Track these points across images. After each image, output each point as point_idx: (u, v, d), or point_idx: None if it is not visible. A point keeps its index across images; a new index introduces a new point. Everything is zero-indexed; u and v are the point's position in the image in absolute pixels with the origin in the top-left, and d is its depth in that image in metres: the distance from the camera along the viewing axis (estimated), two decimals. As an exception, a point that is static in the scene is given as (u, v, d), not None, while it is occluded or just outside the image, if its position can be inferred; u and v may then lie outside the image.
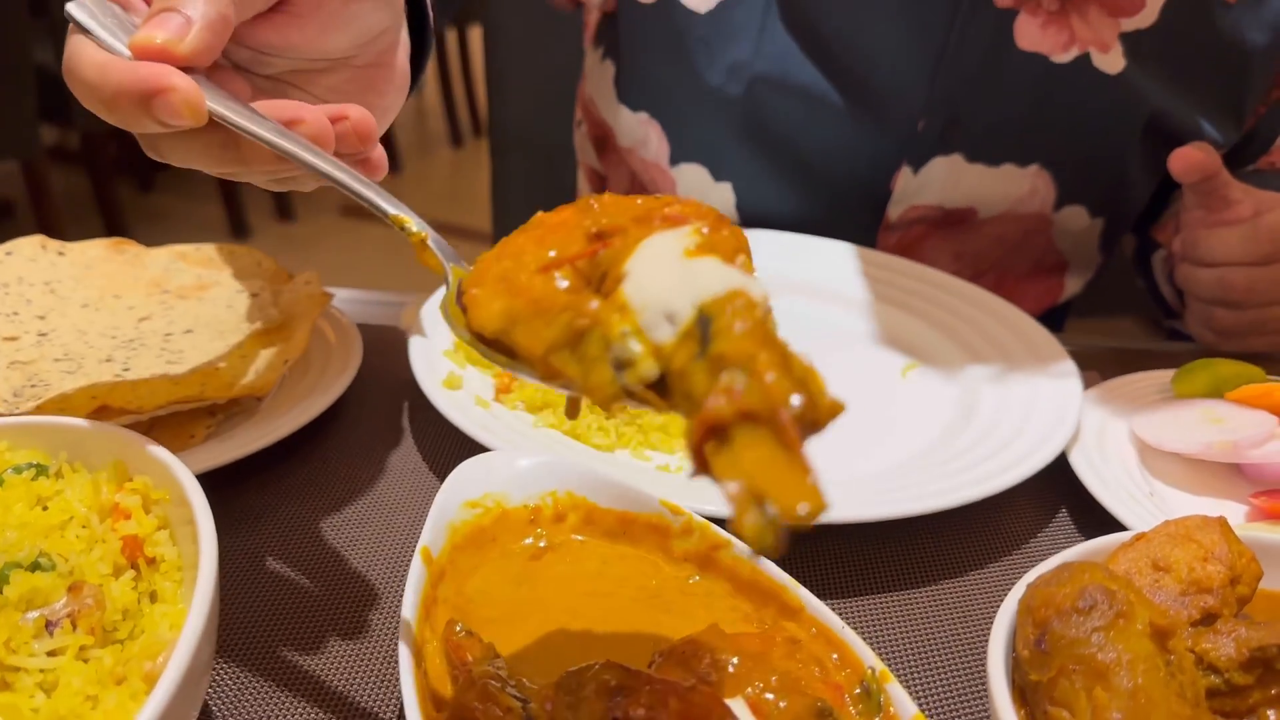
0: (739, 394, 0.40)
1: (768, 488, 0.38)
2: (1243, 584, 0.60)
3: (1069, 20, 1.07)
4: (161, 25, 0.55)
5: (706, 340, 0.42)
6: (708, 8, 1.12)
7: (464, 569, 0.64)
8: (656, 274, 0.45)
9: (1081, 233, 1.23)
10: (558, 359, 0.46)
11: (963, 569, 0.75)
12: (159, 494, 0.59)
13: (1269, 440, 0.82)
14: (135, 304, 0.90)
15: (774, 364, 0.41)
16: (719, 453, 0.40)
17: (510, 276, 0.49)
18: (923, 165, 1.15)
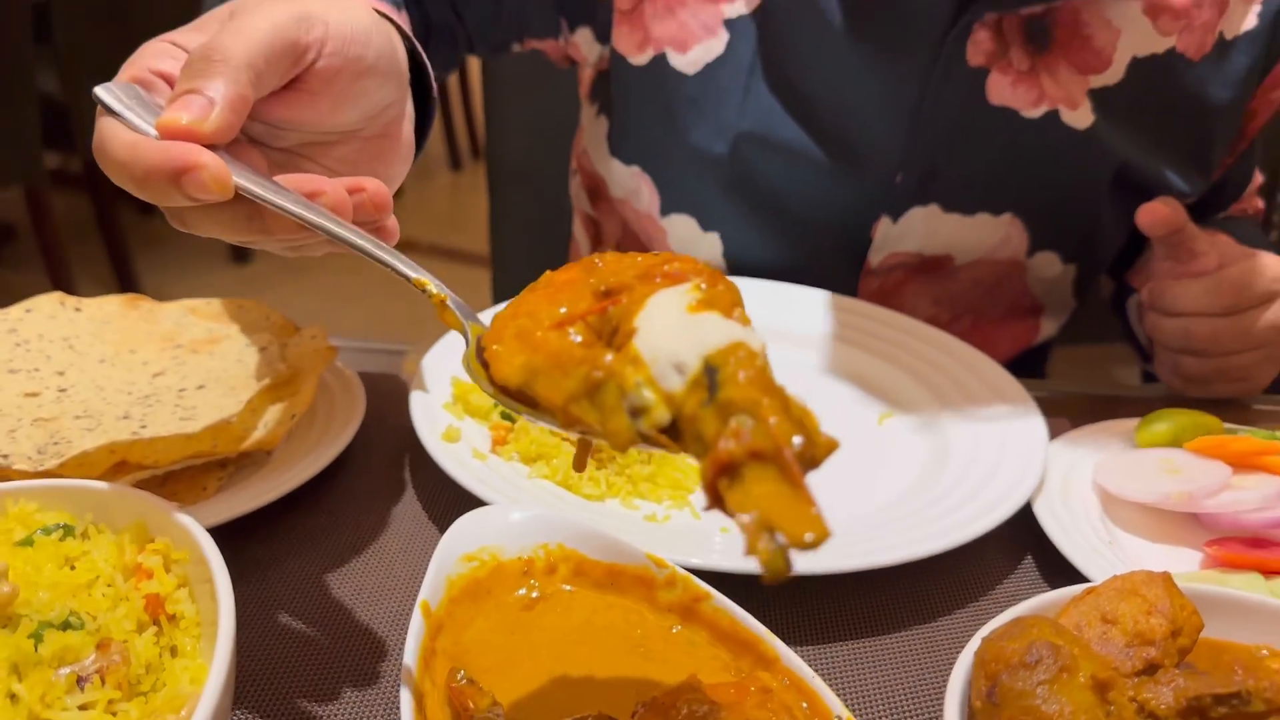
0: (746, 436, 0.45)
1: (776, 518, 0.43)
2: (1184, 635, 0.65)
3: (1039, 79, 1.13)
4: (185, 106, 0.60)
5: (714, 388, 0.47)
6: (695, 70, 1.17)
7: (461, 620, 0.69)
8: (664, 328, 0.50)
9: (1055, 278, 1.28)
10: (577, 408, 0.51)
11: (930, 616, 0.80)
12: (179, 554, 0.64)
13: (1223, 490, 0.87)
14: (149, 359, 0.95)
15: (776, 408, 0.46)
16: (731, 489, 0.45)
17: (528, 333, 0.54)
18: (901, 215, 1.20)
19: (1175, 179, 1.20)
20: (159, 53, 0.68)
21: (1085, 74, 1.13)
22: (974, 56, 1.11)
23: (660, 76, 1.18)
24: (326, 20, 0.67)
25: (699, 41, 1.16)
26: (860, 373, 1.11)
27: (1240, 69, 1.16)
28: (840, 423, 1.00)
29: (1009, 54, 1.12)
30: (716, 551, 0.78)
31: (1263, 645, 0.68)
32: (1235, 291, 1.04)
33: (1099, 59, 1.12)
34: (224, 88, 0.61)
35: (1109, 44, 1.12)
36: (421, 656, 0.62)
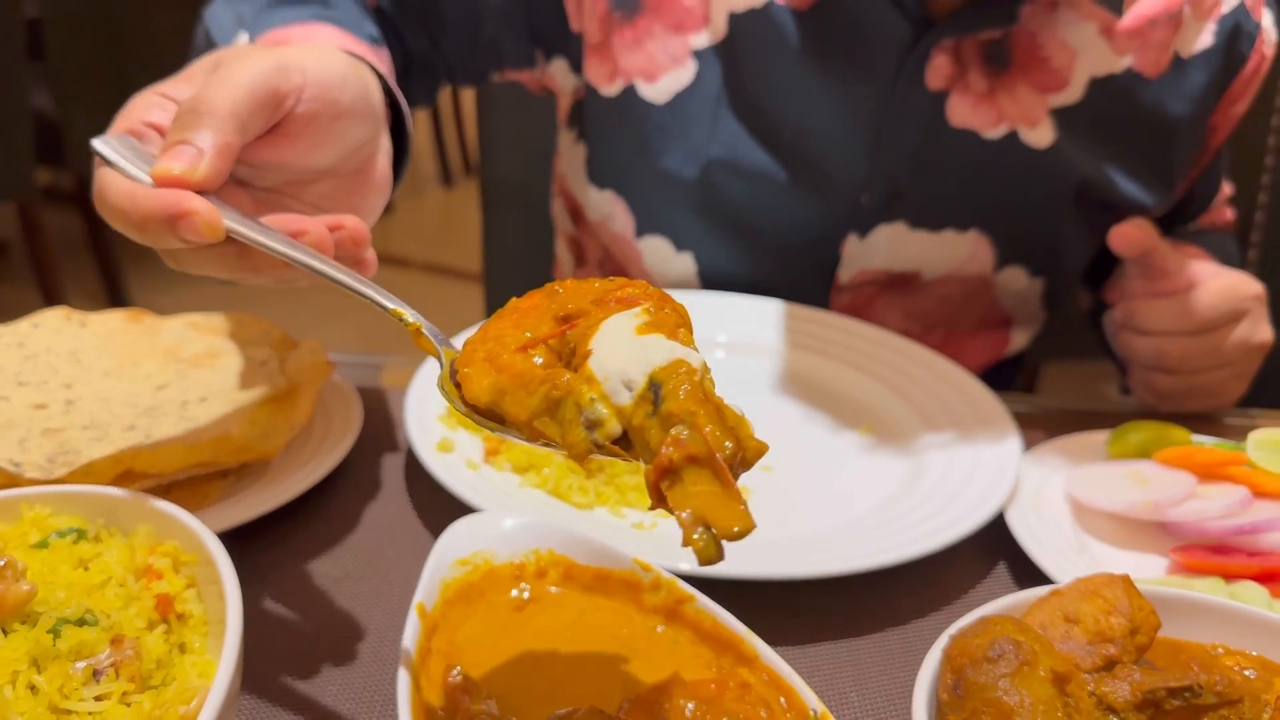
0: (684, 443, 0.51)
1: (709, 514, 0.50)
2: (1141, 634, 0.68)
3: (997, 99, 1.16)
4: (177, 156, 0.65)
5: (658, 402, 0.53)
6: (665, 99, 1.20)
7: (455, 621, 0.72)
8: (615, 349, 0.55)
9: (1023, 291, 1.31)
10: (540, 423, 0.56)
11: (905, 618, 0.83)
12: (187, 556, 0.67)
13: (1188, 499, 0.91)
14: (152, 372, 0.98)
15: (710, 418, 0.52)
16: (671, 489, 0.51)
17: (495, 357, 0.59)
18: (868, 233, 1.23)
19: (1138, 193, 1.23)
20: (149, 105, 0.72)
21: (1045, 93, 1.17)
22: (933, 80, 1.15)
23: (630, 106, 1.21)
24: (304, 69, 0.71)
25: (667, 72, 1.20)
26: (841, 386, 1.14)
27: (1198, 85, 1.19)
28: (821, 435, 1.04)
29: (967, 76, 1.15)
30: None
31: (1219, 644, 0.72)
32: (1205, 311, 1.07)
33: (1057, 79, 1.16)
34: (211, 137, 0.65)
35: (1066, 65, 1.15)
36: (417, 655, 0.66)
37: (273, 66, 0.69)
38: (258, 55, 0.69)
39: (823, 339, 1.19)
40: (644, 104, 1.21)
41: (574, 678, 0.70)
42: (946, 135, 1.17)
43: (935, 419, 1.05)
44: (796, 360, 1.18)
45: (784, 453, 1.00)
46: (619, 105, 1.22)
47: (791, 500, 0.95)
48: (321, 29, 0.97)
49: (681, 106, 1.20)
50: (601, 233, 1.34)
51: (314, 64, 0.72)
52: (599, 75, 1.23)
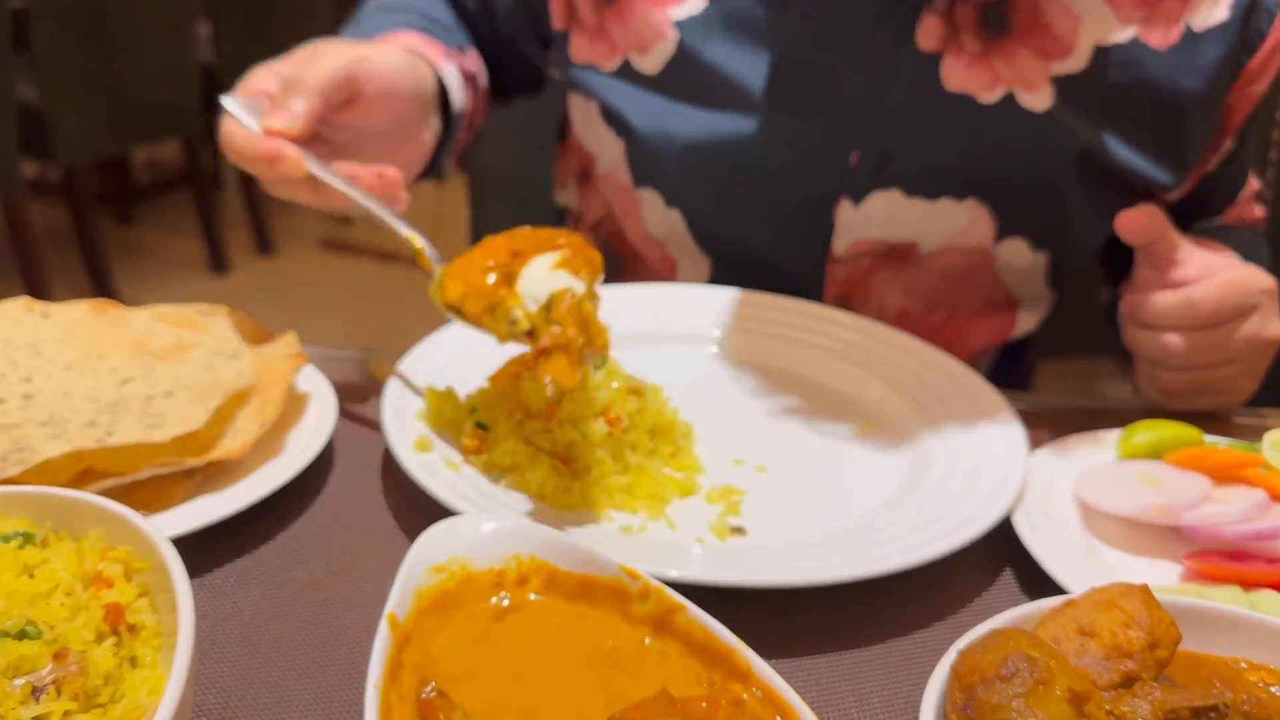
0: (555, 336, 0.83)
1: (556, 376, 0.81)
2: (1161, 648, 0.64)
3: (991, 62, 1.14)
4: (279, 115, 0.94)
5: (549, 311, 0.85)
6: (657, 69, 1.22)
7: (429, 631, 0.67)
8: (534, 278, 0.88)
9: (1026, 267, 1.28)
10: (485, 318, 0.89)
11: (908, 629, 0.79)
12: (140, 563, 0.62)
13: (1203, 503, 0.87)
14: (117, 365, 0.93)
15: (574, 323, 0.84)
16: (545, 360, 0.82)
17: (465, 274, 0.91)
18: (862, 200, 1.20)
19: (1147, 167, 1.20)
20: (265, 77, 1.00)
21: (1047, 59, 1.14)
22: (925, 41, 1.13)
23: (629, 76, 1.24)
24: (375, 63, 1.03)
25: (655, 44, 1.22)
26: (841, 384, 1.10)
27: (1211, 61, 1.16)
28: (818, 434, 1.00)
29: (960, 38, 1.13)
30: (692, 564, 0.76)
31: (1240, 657, 0.68)
32: (1210, 305, 1.03)
33: (1060, 45, 1.13)
34: (303, 104, 0.95)
35: (1069, 30, 1.12)
36: (388, 669, 0.61)
37: (352, 59, 1.00)
38: (344, 48, 1.02)
39: (824, 335, 1.15)
40: (639, 75, 1.23)
41: (556, 692, 0.66)
42: (941, 98, 1.15)
43: (936, 416, 1.01)
44: (790, 355, 1.14)
45: (779, 453, 0.96)
46: (619, 77, 1.25)
47: (787, 503, 0.90)
48: (408, 35, 1.19)
49: (671, 75, 1.22)
50: (606, 188, 1.35)
51: (383, 61, 1.04)
52: (599, 55, 1.25)
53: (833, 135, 1.19)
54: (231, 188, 5.28)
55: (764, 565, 0.77)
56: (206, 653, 0.72)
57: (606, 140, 1.30)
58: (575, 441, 0.89)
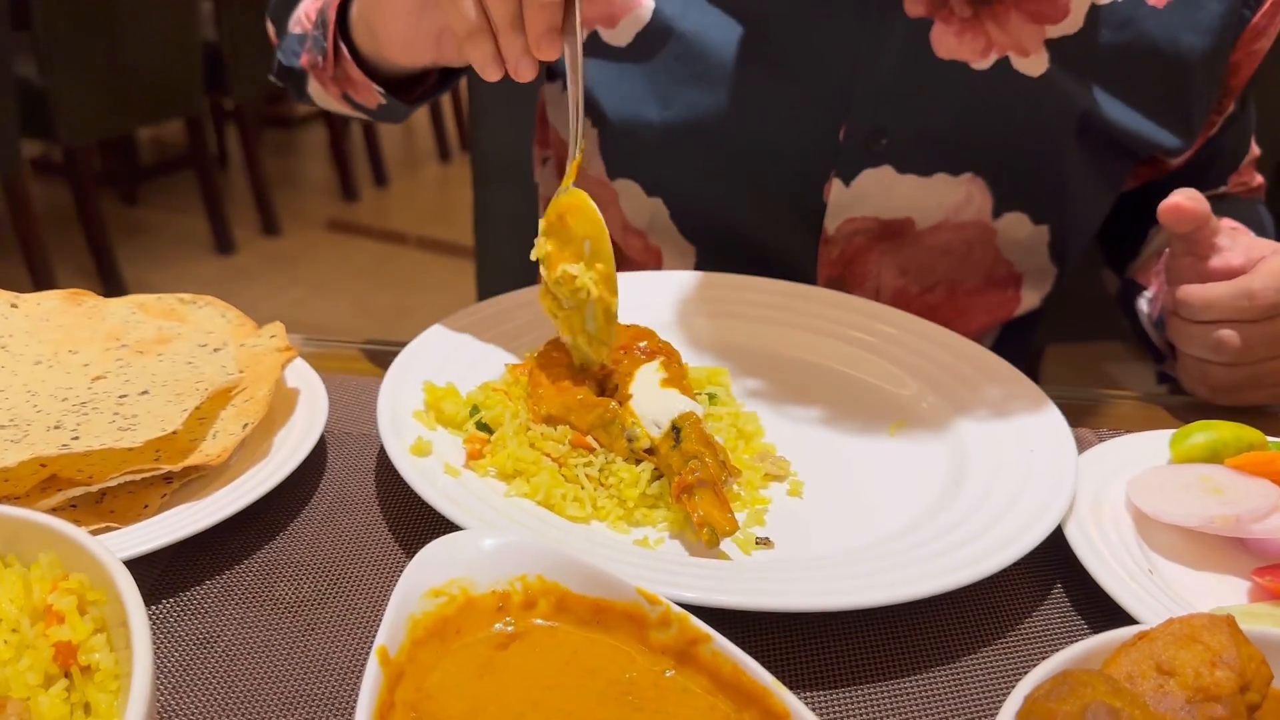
0: (698, 471, 0.78)
1: (711, 519, 0.76)
2: (1253, 691, 0.57)
3: (984, 26, 1.07)
4: None
5: (678, 439, 0.82)
6: (626, 42, 1.16)
7: (425, 664, 0.60)
8: (646, 397, 0.86)
9: (1027, 240, 1.21)
10: (597, 433, 0.86)
11: (954, 655, 0.71)
12: (96, 594, 0.55)
13: (1273, 513, 0.79)
14: (91, 360, 0.86)
15: (712, 456, 0.81)
16: (688, 499, 0.77)
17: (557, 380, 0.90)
18: (853, 178, 1.14)
19: (1154, 131, 1.14)
20: None
21: (1041, 23, 1.08)
22: (912, 7, 1.08)
23: (596, 51, 1.17)
24: None
25: (625, 14, 1.15)
26: (867, 376, 1.02)
27: (1213, 16, 1.10)
28: (850, 435, 0.93)
29: (949, 3, 1.07)
30: (717, 585, 0.69)
31: (1334, 696, 0.60)
32: (1270, 294, 0.96)
33: (1054, 7, 1.07)
34: None
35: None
36: (377, 711, 0.54)
37: None
38: None
39: (841, 322, 1.07)
40: (608, 49, 1.16)
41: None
42: (932, 67, 1.09)
43: (975, 413, 0.93)
44: (814, 346, 1.06)
45: (806, 460, 0.89)
46: (587, 52, 1.17)
47: (817, 516, 0.83)
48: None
49: (643, 47, 1.15)
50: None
51: None
52: None
53: (820, 108, 1.13)
54: (236, 168, 5.22)
55: (795, 585, 0.70)
56: (178, 683, 0.65)
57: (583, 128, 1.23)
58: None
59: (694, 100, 1.14)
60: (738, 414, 0.92)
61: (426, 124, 5.99)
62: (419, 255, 4.78)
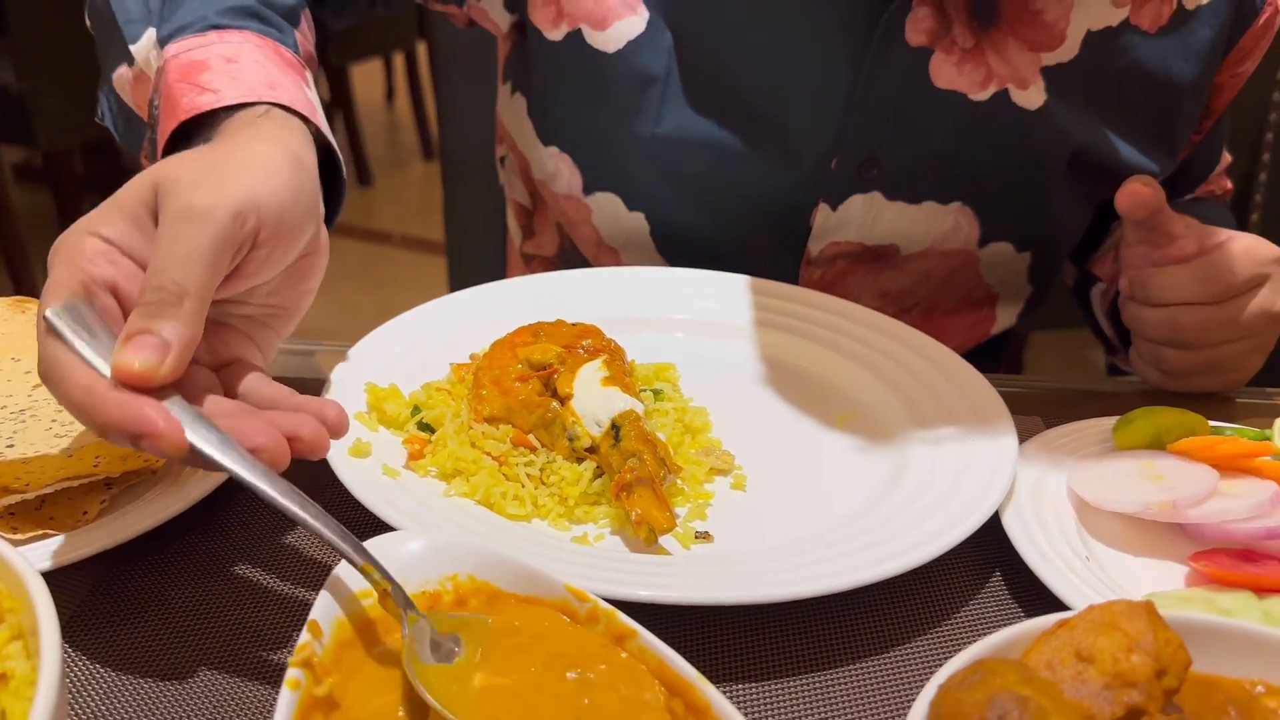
0: (636, 470, 0.79)
1: (649, 517, 0.76)
2: (1170, 675, 0.57)
3: (985, 57, 1.06)
4: (139, 349, 0.60)
5: (618, 438, 0.82)
6: (614, 48, 1.11)
7: (350, 666, 0.60)
8: (588, 396, 0.85)
9: (1008, 265, 1.22)
10: (539, 433, 0.86)
11: (885, 646, 0.71)
12: (12, 602, 0.55)
13: (1209, 498, 0.79)
14: (33, 367, 0.86)
15: (652, 454, 0.80)
16: (627, 497, 0.77)
17: (497, 380, 0.88)
18: (841, 202, 1.13)
19: (1140, 159, 1.14)
20: (95, 255, 0.64)
21: (1037, 51, 1.07)
22: (914, 36, 1.05)
23: (577, 53, 1.12)
24: (259, 206, 0.67)
25: (618, 19, 1.10)
26: (816, 370, 1.02)
27: (1203, 41, 1.10)
28: (794, 427, 0.93)
29: (952, 32, 1.06)
30: (648, 581, 0.69)
31: (1257, 680, 0.61)
32: (1226, 277, 0.97)
33: (1051, 35, 1.07)
34: (178, 330, 0.62)
35: (1061, 18, 1.06)
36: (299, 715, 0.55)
37: (229, 216, 0.65)
38: (208, 199, 0.65)
39: (794, 315, 1.07)
40: (592, 51, 1.11)
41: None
42: (930, 97, 1.08)
43: (921, 407, 0.93)
44: (766, 341, 1.05)
45: (752, 450, 0.89)
46: (565, 51, 1.13)
47: (759, 509, 0.83)
48: (243, 44, 0.85)
49: (632, 56, 1.11)
50: (545, 193, 1.25)
51: (267, 197, 0.68)
52: (543, 18, 1.13)
53: (815, 134, 1.11)
54: (218, 169, 5.21)
55: (728, 579, 0.70)
56: (110, 690, 0.65)
57: (535, 143, 1.22)
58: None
59: (682, 120, 1.12)
60: (685, 409, 0.92)
61: (410, 122, 5.99)
62: (403, 254, 4.78)
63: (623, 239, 1.20)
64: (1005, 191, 1.15)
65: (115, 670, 0.67)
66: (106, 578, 0.75)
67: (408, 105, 5.88)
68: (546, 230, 1.33)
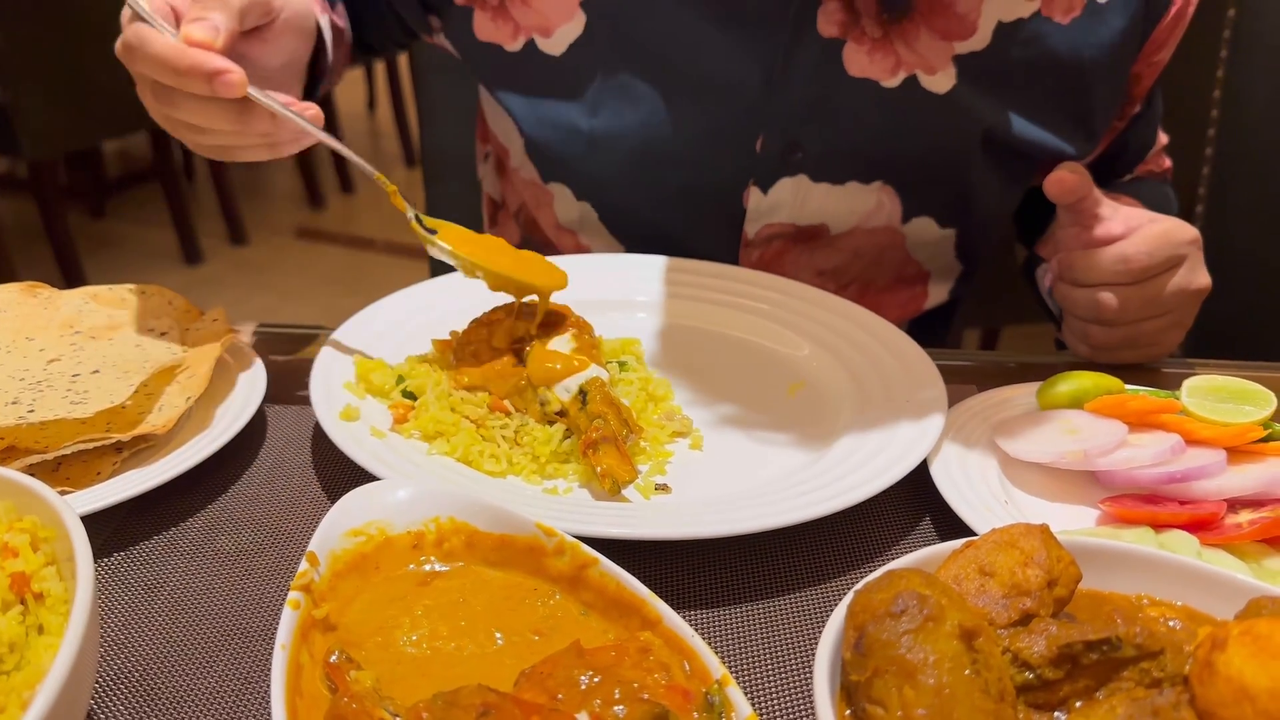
0: (600, 429, 0.87)
1: (613, 471, 0.84)
2: (1060, 586, 0.65)
3: (893, 46, 1.14)
4: (201, 27, 0.85)
5: (585, 401, 0.90)
6: (560, 50, 1.21)
7: (345, 595, 0.68)
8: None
9: (935, 243, 1.30)
10: (513, 400, 0.95)
11: (824, 578, 0.80)
12: (46, 532, 0.63)
13: (1118, 448, 0.88)
14: (46, 345, 0.94)
15: (615, 416, 0.89)
16: (593, 454, 0.85)
17: (475, 355, 0.98)
18: (770, 186, 1.22)
19: (1056, 141, 1.21)
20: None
21: (949, 39, 1.14)
22: (825, 28, 1.13)
23: (531, 59, 1.23)
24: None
25: (559, 26, 1.20)
26: (770, 343, 1.11)
27: (1114, 31, 1.17)
28: (747, 395, 1.01)
29: (861, 24, 1.13)
30: (609, 520, 0.77)
31: (1145, 595, 0.69)
32: (1142, 259, 1.04)
33: (963, 25, 1.13)
34: (225, 20, 0.86)
35: (972, 9, 1.13)
36: (298, 631, 0.62)
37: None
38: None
39: (746, 295, 1.16)
40: (544, 57, 1.22)
41: (472, 656, 0.67)
42: (844, 85, 1.15)
43: (863, 375, 1.02)
44: (722, 319, 1.15)
45: (709, 418, 0.97)
46: (522, 59, 1.23)
47: (714, 465, 0.91)
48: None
49: (575, 56, 1.21)
50: (517, 181, 1.35)
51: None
52: (503, 35, 1.23)
53: (737, 122, 1.19)
54: (203, 178, 5.26)
55: (679, 520, 0.78)
56: (128, 622, 0.73)
57: (514, 134, 1.31)
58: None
59: (619, 110, 1.21)
60: (649, 379, 1.00)
61: (392, 129, 6.05)
62: (387, 260, 4.84)
63: (577, 222, 1.30)
64: (922, 171, 1.22)
65: (131, 606, 0.75)
66: (120, 529, 0.82)
67: (389, 113, 5.94)
68: (509, 222, 1.44)
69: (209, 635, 0.73)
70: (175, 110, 0.88)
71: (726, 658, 0.72)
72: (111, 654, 0.70)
